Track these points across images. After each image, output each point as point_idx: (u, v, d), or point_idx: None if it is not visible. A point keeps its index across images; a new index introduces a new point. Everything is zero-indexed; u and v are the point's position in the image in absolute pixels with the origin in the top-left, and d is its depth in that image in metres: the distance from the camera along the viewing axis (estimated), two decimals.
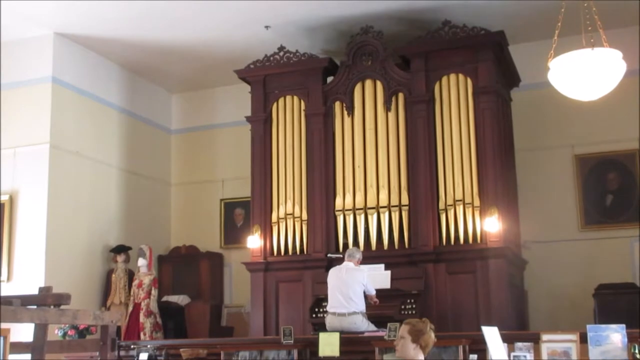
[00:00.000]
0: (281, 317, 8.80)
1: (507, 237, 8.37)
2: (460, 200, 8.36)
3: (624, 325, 5.95)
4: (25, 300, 3.75)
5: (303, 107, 9.31)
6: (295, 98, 9.39)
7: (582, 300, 8.66)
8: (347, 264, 7.72)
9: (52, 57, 9.45)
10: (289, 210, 9.04)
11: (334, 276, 7.69)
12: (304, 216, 8.99)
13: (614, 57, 5.90)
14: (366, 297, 7.60)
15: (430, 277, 8.33)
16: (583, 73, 5.87)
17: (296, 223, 8.99)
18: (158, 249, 10.77)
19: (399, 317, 7.36)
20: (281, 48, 9.46)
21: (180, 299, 10.18)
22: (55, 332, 8.20)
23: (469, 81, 8.66)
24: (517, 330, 7.87)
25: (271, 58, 9.47)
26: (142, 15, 9.11)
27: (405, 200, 8.63)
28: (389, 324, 6.73)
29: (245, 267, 9.21)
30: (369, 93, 9.06)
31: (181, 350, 7.43)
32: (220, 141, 11.38)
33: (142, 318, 9.29)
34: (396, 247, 8.57)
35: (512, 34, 8.98)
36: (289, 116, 9.36)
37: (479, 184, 8.37)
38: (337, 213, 8.86)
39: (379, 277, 8.17)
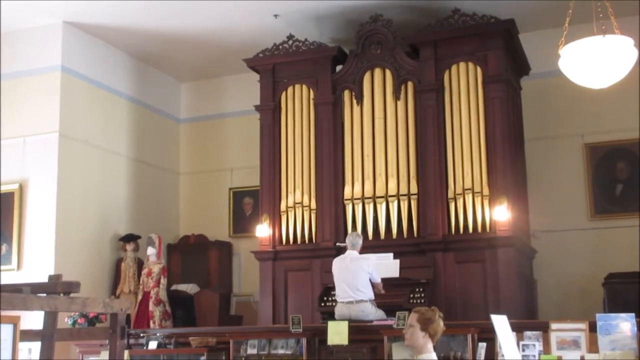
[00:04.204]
0: (290, 306, 8.82)
1: (516, 226, 8.36)
2: (469, 189, 8.34)
3: (633, 314, 5.96)
4: (35, 288, 3.75)
5: (312, 96, 9.30)
6: (304, 87, 9.37)
7: (591, 289, 8.63)
8: (351, 253, 7.69)
9: (61, 46, 9.45)
10: (298, 199, 9.04)
11: (339, 266, 7.66)
12: (313, 205, 8.99)
13: (625, 44, 5.85)
14: (373, 285, 7.58)
15: (439, 266, 8.32)
16: (594, 60, 5.81)
17: (305, 212, 8.99)
18: (167, 238, 10.79)
19: (407, 306, 7.36)
20: (290, 37, 9.44)
21: (190, 288, 10.20)
22: (65, 320, 8.24)
23: (479, 70, 8.63)
24: (526, 319, 7.86)
25: (280, 47, 9.45)
26: (151, 4, 9.09)
27: (414, 189, 8.61)
28: (397, 313, 6.75)
29: (254, 256, 9.23)
30: (378, 82, 9.03)
31: (190, 338, 7.46)
32: (229, 130, 11.38)
33: (151, 306, 9.33)
34: (405, 236, 8.56)
35: (522, 22, 8.93)
36: (298, 105, 9.35)
37: (488, 172, 8.34)
38: (345, 202, 8.85)
39: (387, 266, 8.17)
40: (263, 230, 9.12)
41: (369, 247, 8.15)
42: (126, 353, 6.95)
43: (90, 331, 6.75)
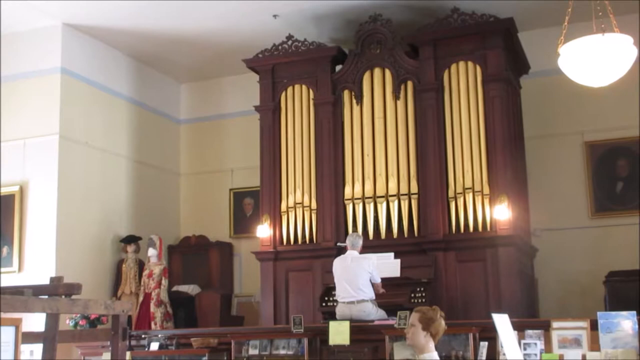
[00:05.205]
0: (291, 306, 8.82)
1: (517, 224, 8.36)
2: (469, 188, 8.34)
3: (634, 312, 5.96)
4: (37, 290, 3.77)
5: (312, 96, 9.30)
6: (304, 87, 9.37)
7: (592, 287, 8.64)
8: (352, 253, 7.70)
9: (61, 47, 9.46)
10: (298, 199, 9.04)
11: (340, 266, 7.67)
12: (313, 205, 8.99)
13: (625, 42, 5.85)
14: (373, 285, 7.58)
15: (440, 265, 8.33)
16: (594, 59, 5.81)
17: (305, 212, 8.99)
18: (168, 239, 10.79)
19: (409, 306, 7.37)
20: (289, 37, 9.44)
21: (191, 289, 10.21)
22: (66, 322, 8.24)
23: (478, 69, 8.63)
24: (527, 318, 7.86)
25: (279, 47, 9.45)
26: (150, 5, 9.10)
27: (414, 188, 8.61)
28: (399, 312, 6.75)
29: (255, 256, 9.23)
30: (377, 81, 9.03)
31: (192, 339, 7.47)
32: (229, 131, 11.38)
33: (152, 308, 9.33)
34: (406, 235, 8.56)
35: (522, 21, 8.93)
36: (298, 105, 9.35)
37: (488, 171, 8.34)
38: (346, 202, 8.85)
39: (388, 265, 8.17)
40: (264, 230, 9.12)
41: (369, 246, 8.15)
42: (128, 354, 6.96)
43: (92, 333, 6.77)
